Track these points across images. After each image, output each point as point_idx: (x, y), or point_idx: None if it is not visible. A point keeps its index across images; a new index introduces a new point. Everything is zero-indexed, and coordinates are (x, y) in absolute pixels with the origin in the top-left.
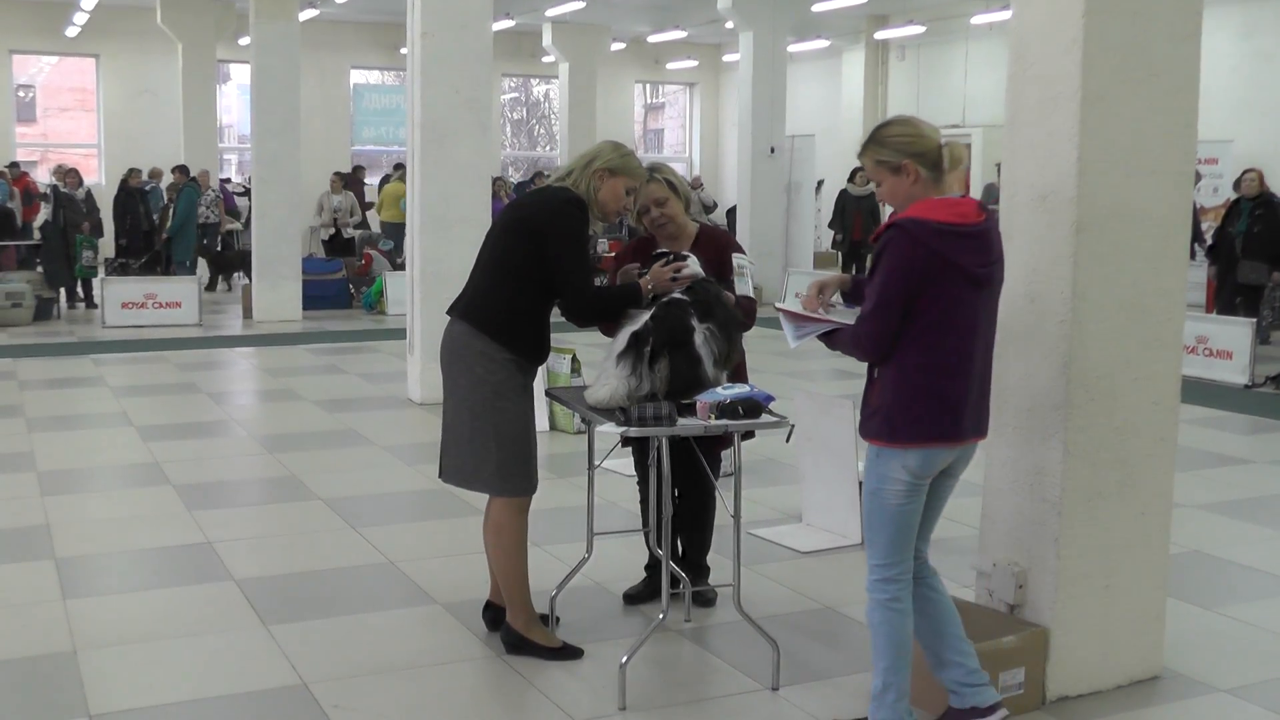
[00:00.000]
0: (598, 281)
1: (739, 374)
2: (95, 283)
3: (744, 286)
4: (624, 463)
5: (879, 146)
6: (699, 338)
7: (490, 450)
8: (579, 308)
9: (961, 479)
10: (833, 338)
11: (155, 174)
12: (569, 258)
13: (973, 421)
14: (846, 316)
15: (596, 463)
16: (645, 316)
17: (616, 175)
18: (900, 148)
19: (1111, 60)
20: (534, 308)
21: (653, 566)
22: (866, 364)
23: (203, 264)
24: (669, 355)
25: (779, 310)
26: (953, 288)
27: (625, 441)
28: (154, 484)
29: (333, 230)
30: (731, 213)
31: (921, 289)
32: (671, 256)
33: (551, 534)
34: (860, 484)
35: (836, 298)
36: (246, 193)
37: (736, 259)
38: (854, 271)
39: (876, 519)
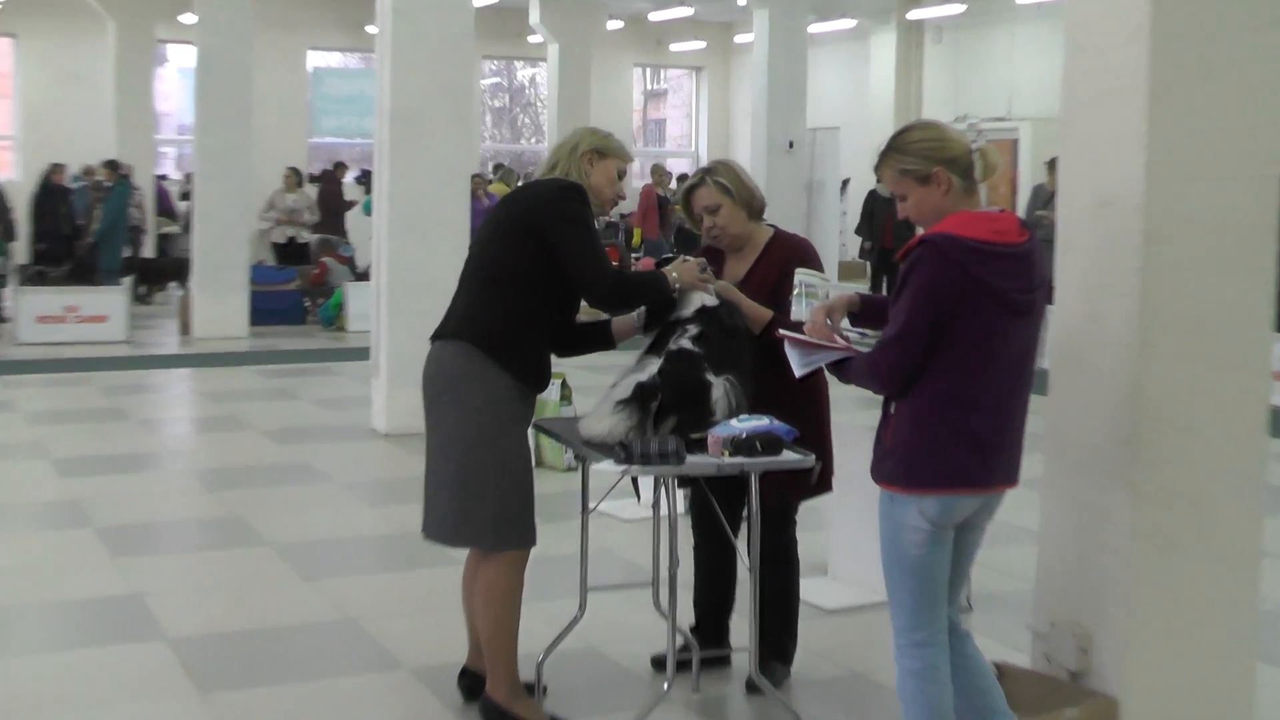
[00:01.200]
0: None
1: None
2: (6, 292)
3: (809, 310)
4: (621, 505)
5: (901, 155)
6: (717, 391)
7: (487, 495)
8: (602, 294)
9: (1015, 525)
10: (844, 366)
11: (89, 171)
12: (576, 243)
13: (1004, 466)
14: (860, 344)
15: (591, 505)
16: (652, 366)
17: (606, 157)
18: (927, 154)
19: (1183, 49)
20: (538, 322)
21: (697, 628)
22: (882, 397)
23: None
24: (678, 413)
25: (781, 335)
26: (988, 315)
27: (684, 481)
28: (72, 526)
29: (289, 234)
30: None
31: (952, 315)
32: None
33: (537, 588)
34: None
35: (845, 321)
36: (186, 196)
37: (801, 275)
38: (884, 284)
39: (897, 574)
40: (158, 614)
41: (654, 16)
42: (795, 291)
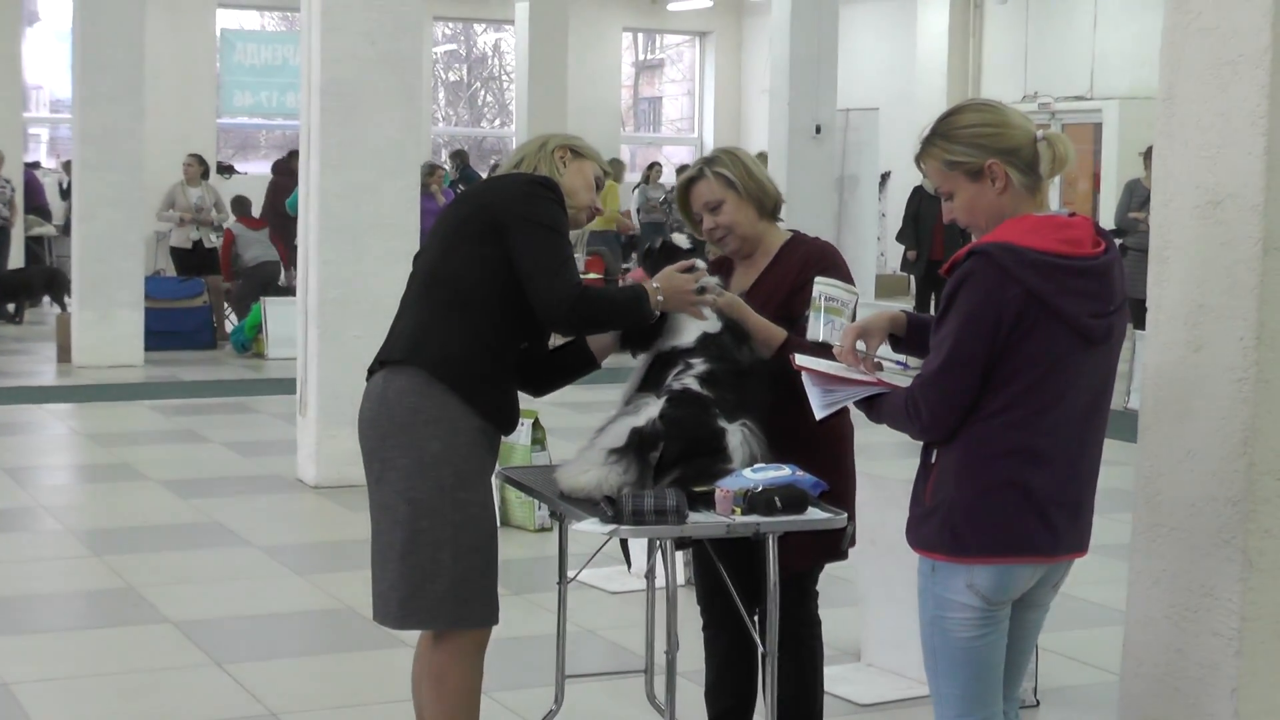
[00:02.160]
0: None
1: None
2: None
3: (829, 329)
4: (606, 574)
5: (948, 142)
6: (734, 439)
7: (443, 564)
8: (560, 315)
9: (1095, 602)
10: (876, 404)
11: None
12: (539, 250)
13: (1071, 529)
14: (897, 377)
15: (570, 574)
16: (651, 408)
17: (582, 157)
18: (980, 142)
19: None
20: (506, 346)
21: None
22: (921, 444)
23: None
24: (685, 467)
25: (799, 368)
26: (1056, 343)
27: (683, 542)
28: None
29: (194, 237)
30: None
31: (1010, 344)
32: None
33: (503, 676)
34: None
35: (884, 349)
36: (66, 193)
37: (821, 285)
38: (932, 303)
39: (943, 660)
40: (29, 709)
41: None
42: (814, 304)
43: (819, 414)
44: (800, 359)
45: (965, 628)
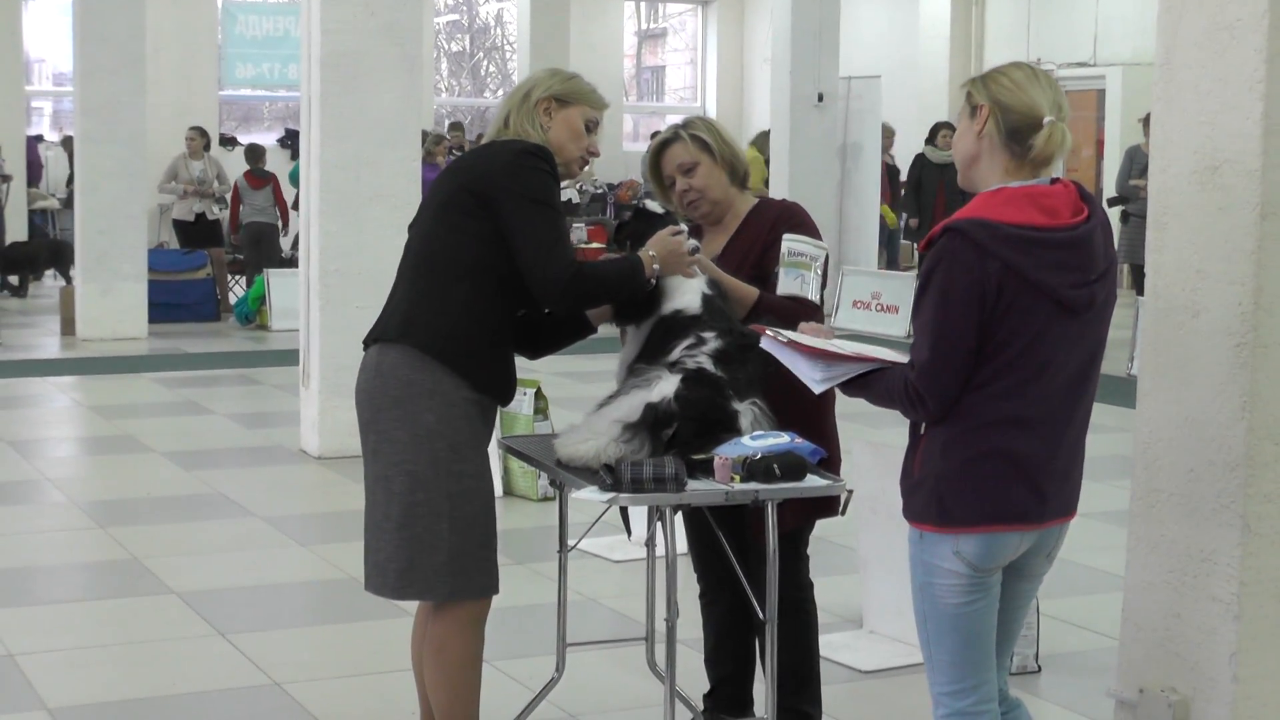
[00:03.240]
0: None
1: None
2: None
3: (799, 283)
4: (607, 543)
5: (979, 80)
6: (745, 420)
7: (440, 536)
8: (555, 295)
9: (1095, 568)
10: (865, 382)
11: None
12: (532, 226)
13: (1059, 495)
14: (880, 350)
15: (571, 543)
16: (663, 384)
17: (568, 104)
18: (992, 89)
19: None
20: (498, 318)
21: (712, 694)
22: (910, 421)
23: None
24: (698, 445)
25: (778, 341)
26: (1037, 316)
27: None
28: None
29: (197, 210)
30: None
31: (994, 317)
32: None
33: (505, 645)
34: None
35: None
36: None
37: (790, 241)
38: None
39: (933, 626)
40: (34, 679)
41: None
42: (782, 261)
43: (817, 388)
44: (771, 331)
45: (954, 594)
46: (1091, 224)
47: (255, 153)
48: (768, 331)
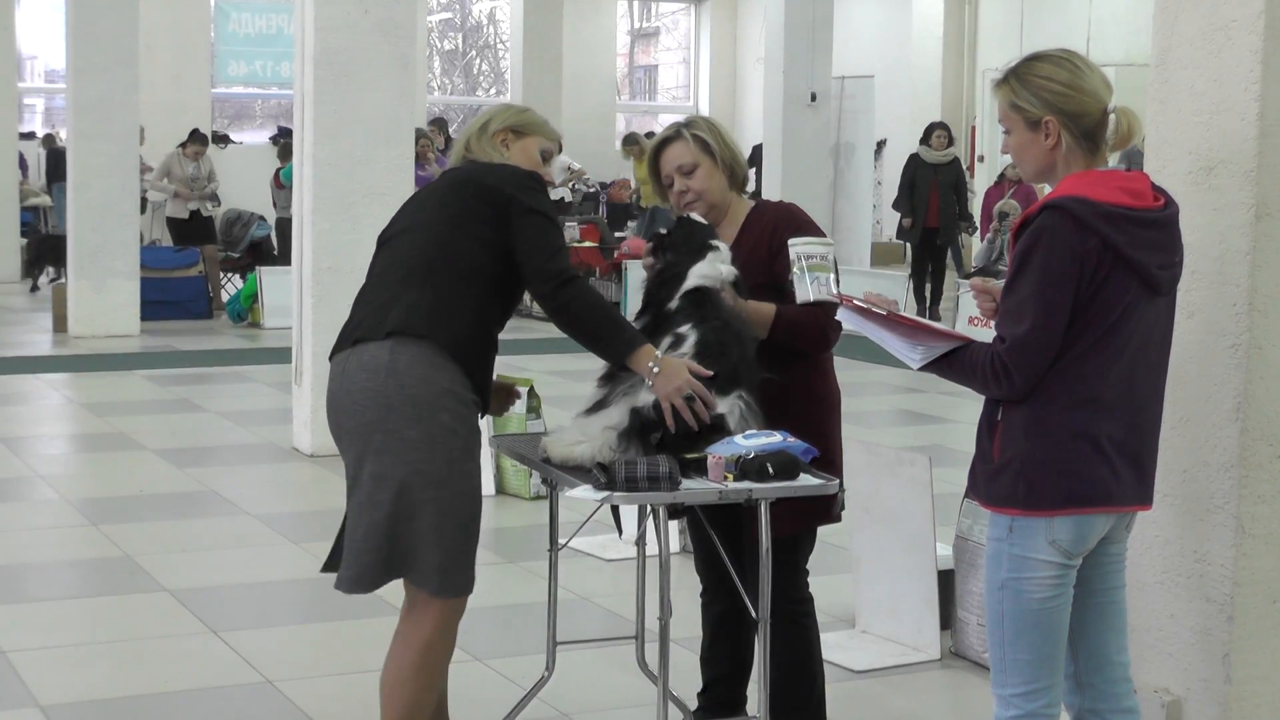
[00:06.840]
0: None
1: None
2: None
3: (819, 286)
4: (599, 541)
5: (1019, 85)
6: (732, 419)
7: (444, 533)
8: (549, 290)
9: None
10: (949, 359)
11: None
12: (542, 230)
13: (1138, 480)
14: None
15: (562, 541)
16: (645, 390)
17: (524, 135)
18: (1046, 97)
19: None
20: (496, 326)
21: (705, 693)
22: (986, 400)
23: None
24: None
25: (866, 313)
26: (1127, 293)
27: (675, 511)
28: None
29: (191, 207)
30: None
31: (1088, 294)
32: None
33: (497, 643)
34: (943, 574)
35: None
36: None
37: (797, 246)
38: (929, 272)
39: (1011, 626)
40: (26, 677)
41: None
42: (795, 267)
43: (915, 366)
44: (854, 301)
45: (1042, 588)
46: (1172, 210)
47: (288, 151)
48: (854, 301)
